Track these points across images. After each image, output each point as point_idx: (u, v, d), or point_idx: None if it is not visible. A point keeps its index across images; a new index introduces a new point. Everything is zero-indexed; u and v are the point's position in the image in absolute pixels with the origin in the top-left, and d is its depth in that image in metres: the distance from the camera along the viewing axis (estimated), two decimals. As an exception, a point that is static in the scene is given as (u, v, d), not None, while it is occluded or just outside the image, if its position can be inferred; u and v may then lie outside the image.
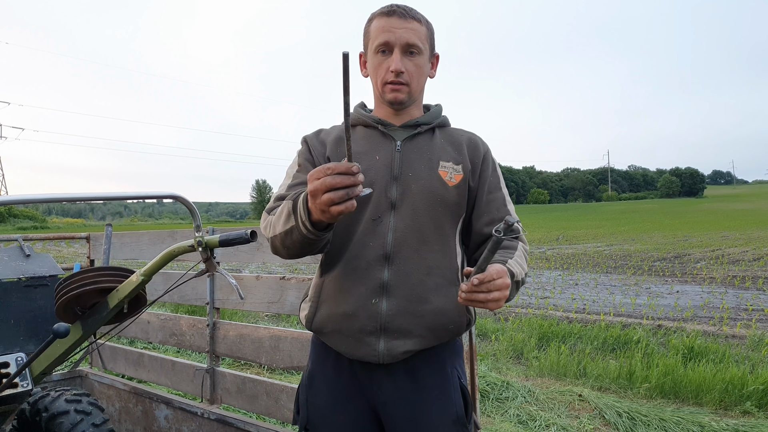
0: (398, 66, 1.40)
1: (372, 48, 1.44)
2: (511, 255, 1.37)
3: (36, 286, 2.38)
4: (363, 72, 1.53)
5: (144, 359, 3.36)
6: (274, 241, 1.33)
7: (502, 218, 1.47)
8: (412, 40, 1.40)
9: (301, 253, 1.33)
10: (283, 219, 1.27)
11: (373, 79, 1.48)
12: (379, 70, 1.44)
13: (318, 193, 1.08)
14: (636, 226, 40.08)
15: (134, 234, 3.49)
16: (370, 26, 1.46)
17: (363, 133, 1.51)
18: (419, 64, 1.44)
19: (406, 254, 1.39)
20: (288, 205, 1.26)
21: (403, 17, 1.41)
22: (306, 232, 1.21)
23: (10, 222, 56.18)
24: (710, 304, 9.20)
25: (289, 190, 1.44)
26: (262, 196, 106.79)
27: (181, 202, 1.73)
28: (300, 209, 1.21)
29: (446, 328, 1.40)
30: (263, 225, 1.41)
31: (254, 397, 2.63)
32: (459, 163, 1.48)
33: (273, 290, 2.55)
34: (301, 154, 1.52)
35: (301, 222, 1.21)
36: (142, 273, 1.76)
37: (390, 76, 1.41)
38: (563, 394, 4.65)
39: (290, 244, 1.28)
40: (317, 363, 1.52)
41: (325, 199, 1.07)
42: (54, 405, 2.39)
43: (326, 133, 1.55)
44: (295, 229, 1.23)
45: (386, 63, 1.42)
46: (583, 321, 7.64)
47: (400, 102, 1.45)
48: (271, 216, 1.37)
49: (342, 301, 1.41)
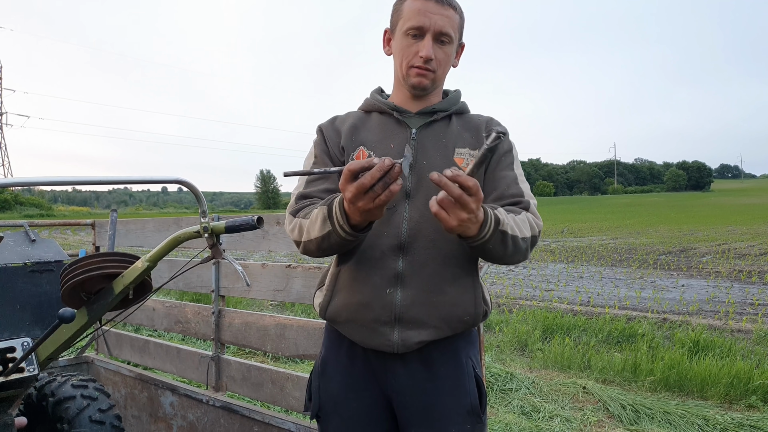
0: (429, 53, 1.36)
1: (402, 28, 1.40)
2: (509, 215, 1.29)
3: (41, 271, 2.38)
4: (386, 49, 1.49)
5: (149, 346, 3.37)
6: (308, 245, 1.33)
7: (513, 195, 1.42)
8: (446, 29, 1.37)
9: (338, 251, 1.37)
10: (318, 225, 1.27)
11: (398, 59, 1.43)
12: (407, 53, 1.40)
13: (357, 197, 1.10)
14: (642, 219, 39.92)
15: (139, 221, 3.49)
16: (404, 5, 1.41)
17: (378, 120, 1.49)
18: (448, 53, 1.41)
19: (421, 244, 1.37)
20: (322, 211, 1.26)
21: (440, 3, 1.37)
22: (345, 234, 1.22)
23: (16, 209, 56.46)
24: (716, 298, 9.16)
25: (309, 186, 1.43)
26: (267, 186, 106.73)
27: (187, 186, 1.72)
28: (336, 213, 1.21)
29: (461, 319, 1.39)
30: (289, 227, 1.40)
31: (259, 385, 2.64)
32: (476, 148, 1.44)
33: (279, 278, 2.54)
34: (317, 145, 1.50)
35: (338, 226, 1.22)
36: (147, 259, 1.75)
37: (418, 61, 1.38)
38: (567, 386, 4.65)
39: (327, 247, 1.30)
40: (331, 350, 1.51)
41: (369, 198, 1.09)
42: (60, 390, 2.40)
43: (341, 120, 1.52)
44: (332, 233, 1.24)
45: (415, 47, 1.38)
46: (587, 314, 7.63)
47: (424, 88, 1.42)
48: (299, 219, 1.36)
49: (356, 290, 1.39)
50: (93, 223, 3.76)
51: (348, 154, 1.45)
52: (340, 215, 1.19)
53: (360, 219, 1.16)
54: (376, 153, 1.42)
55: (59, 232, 28.09)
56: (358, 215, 1.15)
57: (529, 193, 1.45)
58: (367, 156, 1.42)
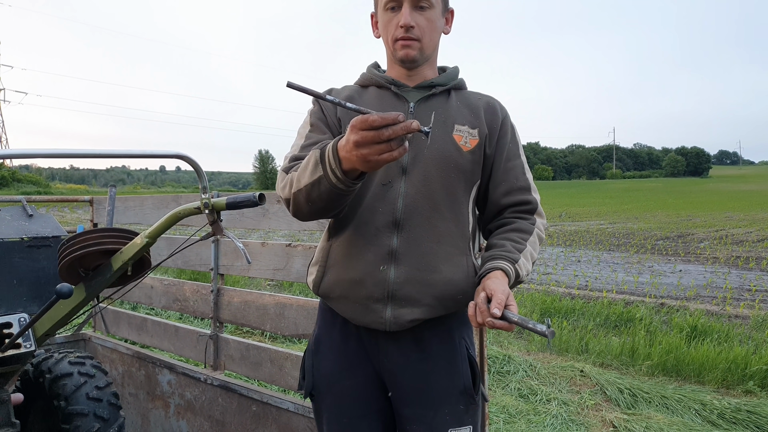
0: (407, 20, 1.34)
1: (381, 4, 1.39)
2: (523, 245, 1.34)
3: (39, 246, 2.34)
4: (375, 33, 1.47)
5: (147, 324, 3.35)
6: (297, 196, 1.25)
7: (521, 188, 1.43)
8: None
9: (326, 209, 1.25)
10: (309, 170, 1.19)
11: (384, 37, 1.42)
12: (389, 27, 1.38)
13: (367, 143, 1.04)
14: (640, 204, 39.97)
15: (138, 198, 3.45)
16: None
17: (375, 93, 1.45)
18: (430, 18, 1.38)
19: (416, 221, 1.35)
20: (315, 154, 1.19)
21: None
22: (335, 180, 1.14)
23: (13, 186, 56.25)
24: (713, 283, 9.19)
25: (303, 150, 1.38)
26: (265, 167, 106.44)
27: (188, 161, 1.68)
28: (329, 157, 1.14)
29: (455, 298, 1.37)
30: (281, 185, 1.33)
31: (258, 364, 2.62)
32: (475, 127, 1.41)
33: (279, 257, 2.51)
34: (313, 114, 1.46)
35: (330, 170, 1.14)
36: (146, 235, 1.72)
37: (400, 31, 1.36)
38: (565, 369, 4.66)
39: (316, 197, 1.20)
40: (324, 328, 1.50)
41: (379, 149, 1.04)
42: (57, 367, 2.38)
43: (337, 92, 1.50)
44: (323, 179, 1.16)
45: (396, 19, 1.36)
46: (585, 297, 7.64)
47: (412, 59, 1.39)
48: (292, 173, 1.29)
49: (349, 267, 1.37)
50: (91, 199, 3.72)
51: (344, 124, 1.41)
52: (333, 159, 1.13)
53: (354, 166, 1.10)
54: None
55: (57, 210, 28.02)
56: (355, 161, 1.08)
57: (533, 184, 1.47)
58: None
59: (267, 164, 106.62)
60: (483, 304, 1.14)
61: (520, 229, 1.39)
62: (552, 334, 1.03)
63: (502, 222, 1.44)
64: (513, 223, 1.41)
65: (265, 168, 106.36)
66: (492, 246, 1.37)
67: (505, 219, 1.44)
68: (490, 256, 1.31)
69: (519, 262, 1.29)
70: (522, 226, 1.39)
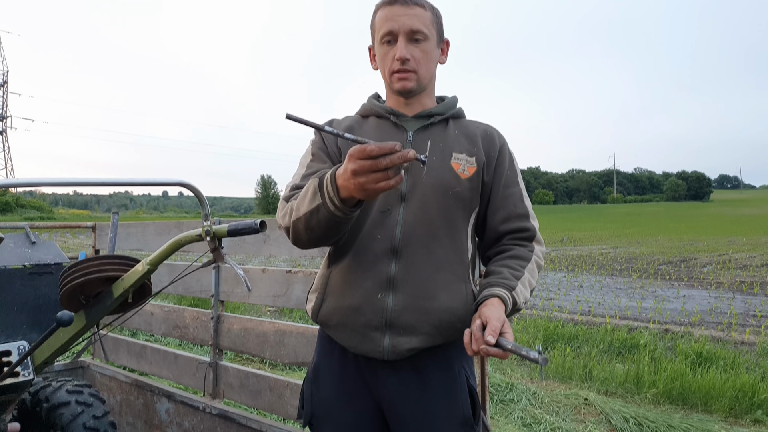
0: (402, 53, 1.37)
1: (377, 39, 1.42)
2: (521, 272, 1.34)
3: (40, 273, 2.34)
4: (373, 65, 1.50)
5: (147, 351, 3.32)
6: (296, 224, 1.27)
7: (519, 215, 1.44)
8: (416, 26, 1.37)
9: (325, 237, 1.27)
10: (308, 198, 1.21)
11: (381, 69, 1.45)
12: (386, 60, 1.42)
13: (364, 172, 1.05)
14: (641, 229, 39.89)
15: (140, 224, 3.45)
16: (375, 18, 1.44)
17: (375, 123, 1.48)
18: (426, 50, 1.41)
19: (414, 248, 1.35)
20: (313, 183, 1.21)
21: (405, 4, 1.38)
22: (333, 208, 1.16)
23: (17, 212, 56.39)
24: (718, 309, 9.11)
25: (304, 179, 1.40)
26: (267, 192, 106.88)
27: (190, 189, 1.69)
28: (327, 186, 1.16)
29: (454, 326, 1.36)
30: (281, 213, 1.35)
31: (257, 393, 2.59)
32: (473, 155, 1.43)
33: (279, 283, 2.50)
34: (314, 144, 1.49)
35: (328, 198, 1.16)
36: (147, 262, 1.72)
37: (396, 64, 1.39)
38: (568, 397, 4.60)
39: (315, 224, 1.22)
40: (323, 356, 1.49)
41: (375, 178, 1.05)
42: (55, 395, 2.36)
43: (338, 123, 1.52)
44: (321, 207, 1.18)
45: (392, 52, 1.40)
46: (588, 323, 7.58)
47: (409, 90, 1.42)
48: (292, 202, 1.31)
49: (348, 294, 1.37)
50: (94, 225, 3.73)
51: (344, 154, 1.43)
52: (331, 187, 1.15)
53: (352, 194, 1.12)
54: None
55: (59, 235, 28.04)
56: (353, 189, 1.10)
57: (532, 211, 1.48)
58: None
59: (269, 189, 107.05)
60: (478, 331, 1.13)
61: (518, 256, 1.39)
62: (545, 361, 1.02)
63: (500, 249, 1.44)
64: (511, 250, 1.41)
65: (267, 193, 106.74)
66: (490, 273, 1.37)
67: (504, 246, 1.44)
68: (487, 283, 1.31)
69: (516, 289, 1.29)
70: (520, 253, 1.40)
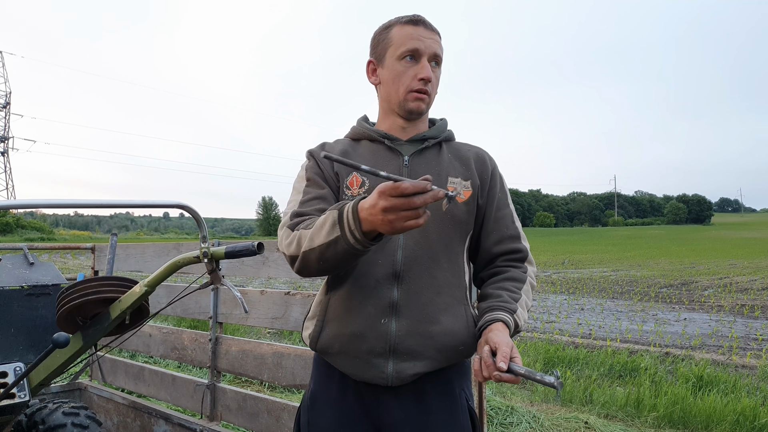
0: (429, 73, 1.38)
1: (396, 54, 1.40)
2: (519, 294, 1.36)
3: (38, 294, 2.35)
4: (372, 79, 1.49)
5: (144, 373, 3.31)
6: (308, 255, 1.24)
7: (512, 236, 1.46)
8: (438, 51, 1.41)
9: (336, 267, 1.26)
10: (326, 230, 1.19)
11: (393, 86, 1.42)
12: (404, 77, 1.40)
13: (395, 210, 1.05)
14: (642, 251, 39.83)
15: (139, 246, 3.47)
16: (391, 33, 1.42)
17: (368, 147, 1.48)
18: (438, 76, 1.45)
19: (416, 272, 1.35)
20: (333, 214, 1.19)
21: (429, 28, 1.41)
22: (354, 241, 1.14)
23: (17, 233, 56.43)
24: (719, 332, 9.06)
25: (303, 206, 1.38)
26: (268, 213, 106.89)
27: (188, 211, 1.71)
28: (348, 218, 1.14)
29: (456, 349, 1.36)
30: (286, 242, 1.32)
31: (255, 415, 2.58)
32: (468, 178, 1.45)
33: (278, 306, 2.51)
34: (309, 169, 1.47)
35: (349, 231, 1.14)
36: (145, 284, 1.73)
37: (418, 84, 1.39)
38: (569, 420, 4.55)
39: (330, 256, 1.20)
40: (320, 383, 1.47)
41: (406, 215, 1.05)
42: (51, 417, 2.35)
43: (330, 147, 1.52)
44: (340, 239, 1.16)
45: (413, 70, 1.39)
46: (589, 346, 7.53)
47: (421, 112, 1.43)
48: (300, 230, 1.28)
49: (349, 320, 1.36)
50: (93, 247, 3.74)
51: (342, 179, 1.43)
52: (354, 221, 1.13)
53: (376, 228, 1.11)
54: (369, 180, 1.40)
55: (59, 256, 28.02)
56: (379, 224, 1.08)
57: (523, 233, 1.50)
58: (360, 182, 1.41)
59: (270, 211, 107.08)
60: (488, 357, 1.14)
61: (513, 278, 1.40)
62: (561, 385, 1.03)
63: (494, 271, 1.45)
64: (506, 272, 1.42)
65: (268, 215, 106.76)
66: (488, 296, 1.37)
67: (498, 268, 1.45)
68: (488, 307, 1.32)
69: (517, 312, 1.30)
70: (515, 275, 1.41)
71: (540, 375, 1.04)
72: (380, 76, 1.46)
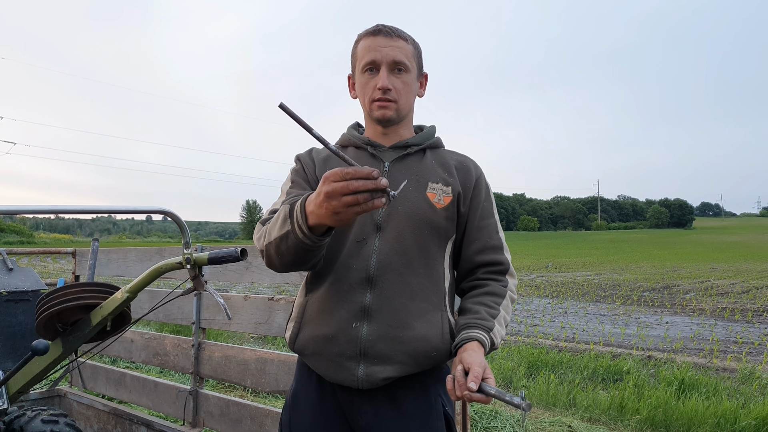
0: (385, 83, 1.40)
1: (359, 67, 1.45)
2: (497, 310, 1.37)
3: (17, 300, 2.31)
4: (352, 94, 1.53)
5: (126, 379, 3.27)
6: (268, 248, 1.28)
7: (494, 247, 1.47)
8: (399, 58, 1.41)
9: (295, 262, 1.27)
10: (279, 223, 1.22)
11: (361, 98, 1.48)
12: (366, 89, 1.44)
13: (336, 195, 1.05)
14: (625, 255, 40.25)
15: (121, 250, 3.43)
16: (357, 47, 1.47)
17: (353, 154, 1.50)
18: (407, 81, 1.44)
19: (389, 278, 1.36)
20: (284, 209, 1.21)
21: (388, 36, 1.42)
22: (302, 236, 1.17)
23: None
24: (700, 335, 9.18)
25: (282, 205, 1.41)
26: (252, 217, 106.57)
27: (171, 217, 1.70)
28: (297, 213, 1.17)
29: (428, 355, 1.36)
30: (257, 235, 1.36)
31: (238, 421, 2.56)
32: (449, 185, 1.46)
33: (261, 311, 2.49)
34: (296, 172, 1.51)
35: (297, 226, 1.17)
36: (127, 290, 1.71)
37: (377, 93, 1.41)
38: (552, 424, 4.58)
39: (285, 250, 1.23)
40: (301, 383, 1.48)
41: (346, 201, 1.04)
42: (30, 425, 2.30)
43: (317, 152, 1.55)
44: (290, 233, 1.19)
45: (373, 81, 1.42)
46: (572, 350, 7.59)
47: (388, 119, 1.45)
48: (267, 225, 1.32)
49: (323, 323, 1.38)
50: (74, 251, 3.69)
51: None
52: (300, 215, 1.15)
53: (322, 221, 1.11)
54: None
55: (39, 260, 27.60)
56: (323, 214, 1.09)
57: (505, 244, 1.51)
58: None
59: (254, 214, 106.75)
60: (461, 377, 1.15)
61: (493, 292, 1.41)
62: (528, 407, 1.04)
63: (475, 284, 1.46)
64: (486, 286, 1.43)
65: (252, 218, 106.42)
66: (466, 311, 1.39)
67: (478, 281, 1.46)
68: (465, 324, 1.33)
69: (494, 330, 1.32)
70: (495, 289, 1.42)
71: (509, 396, 1.07)
72: (356, 88, 1.50)
